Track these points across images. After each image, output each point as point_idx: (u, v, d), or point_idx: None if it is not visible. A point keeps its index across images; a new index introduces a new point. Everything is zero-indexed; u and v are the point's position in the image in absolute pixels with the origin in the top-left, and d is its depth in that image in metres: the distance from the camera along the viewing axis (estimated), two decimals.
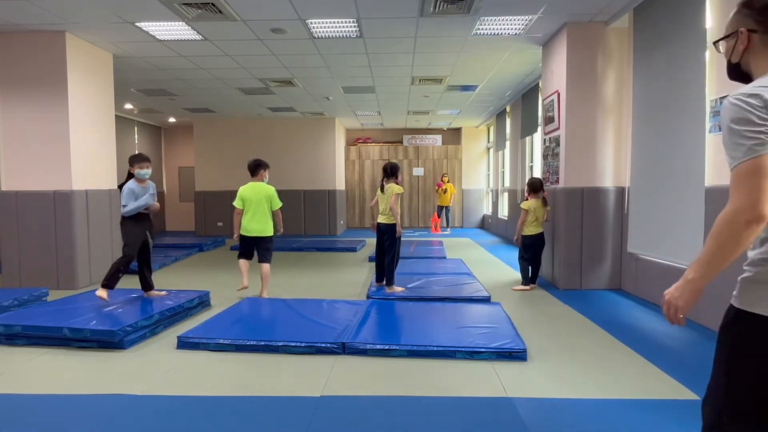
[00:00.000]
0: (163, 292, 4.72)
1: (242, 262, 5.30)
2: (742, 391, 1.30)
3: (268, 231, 5.13)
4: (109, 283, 4.30)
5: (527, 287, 5.58)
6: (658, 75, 4.63)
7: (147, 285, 4.69)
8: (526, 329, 3.96)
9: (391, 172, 5.30)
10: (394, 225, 5.18)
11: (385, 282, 5.25)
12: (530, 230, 5.53)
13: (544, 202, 5.60)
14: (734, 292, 1.32)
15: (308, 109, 11.05)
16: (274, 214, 5.20)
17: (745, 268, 1.30)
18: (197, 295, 4.66)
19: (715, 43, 1.52)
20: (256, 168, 5.16)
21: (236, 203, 5.09)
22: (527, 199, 5.61)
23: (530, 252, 5.58)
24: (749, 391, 1.29)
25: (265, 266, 5.17)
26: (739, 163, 1.22)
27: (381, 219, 5.28)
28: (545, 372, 3.10)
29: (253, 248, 5.22)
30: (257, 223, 5.06)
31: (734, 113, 1.25)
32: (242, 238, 5.15)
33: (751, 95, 1.24)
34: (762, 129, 1.21)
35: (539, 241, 5.56)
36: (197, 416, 2.54)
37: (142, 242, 4.59)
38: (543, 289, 5.68)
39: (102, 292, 4.23)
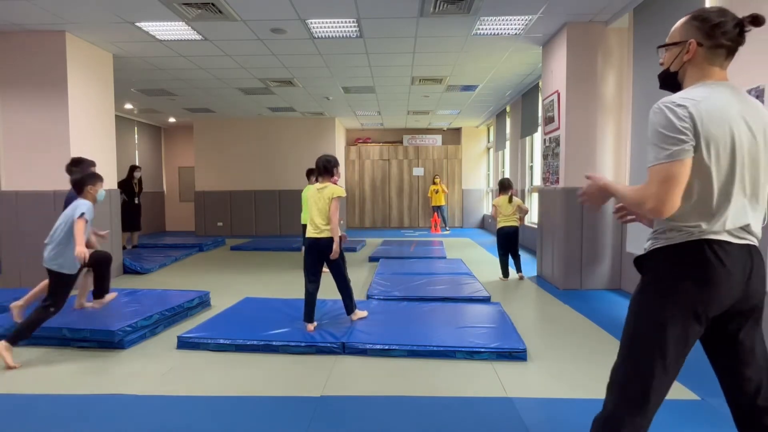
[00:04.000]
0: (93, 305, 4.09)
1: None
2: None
3: None
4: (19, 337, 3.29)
5: (505, 279, 6.15)
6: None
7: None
8: (526, 329, 3.96)
9: (324, 168, 3.95)
10: (331, 240, 3.86)
11: (347, 311, 4.07)
12: (502, 223, 6.11)
13: (510, 200, 6.08)
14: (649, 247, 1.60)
15: (308, 109, 11.06)
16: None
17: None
18: (197, 295, 4.66)
19: (659, 48, 1.64)
20: (309, 175, 7.06)
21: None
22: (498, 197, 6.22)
23: (501, 244, 6.13)
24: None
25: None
26: (659, 164, 1.43)
27: (316, 232, 3.87)
28: (545, 372, 3.10)
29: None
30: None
31: (663, 119, 1.44)
32: (303, 226, 6.26)
33: (679, 105, 1.43)
34: (683, 138, 1.41)
35: (508, 234, 6.08)
36: (197, 416, 2.54)
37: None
38: (543, 289, 5.68)
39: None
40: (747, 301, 1.54)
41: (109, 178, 6.47)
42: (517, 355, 3.29)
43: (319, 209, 3.86)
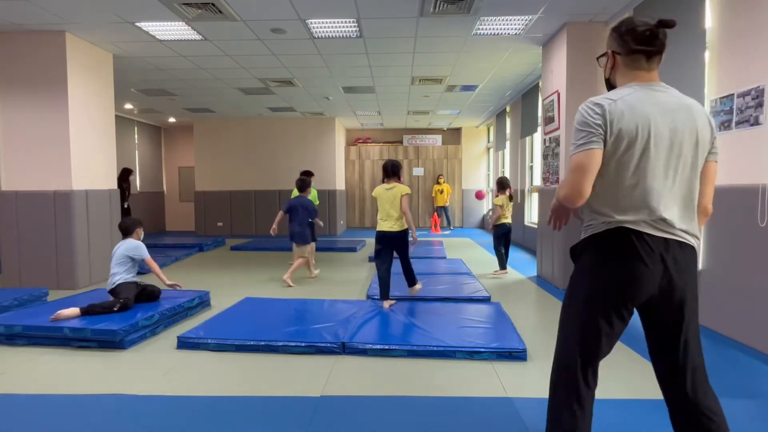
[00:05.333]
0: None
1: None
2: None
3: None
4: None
5: (504, 271, 6.47)
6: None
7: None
8: (526, 329, 3.96)
9: (392, 171, 4.67)
10: (406, 231, 4.60)
11: (408, 284, 4.79)
12: (501, 220, 6.28)
13: (510, 198, 6.30)
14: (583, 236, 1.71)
15: (308, 109, 11.06)
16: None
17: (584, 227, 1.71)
18: (197, 295, 4.65)
19: (598, 58, 1.79)
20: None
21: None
22: (497, 196, 6.37)
23: (504, 240, 6.37)
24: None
25: (312, 244, 6.91)
26: (572, 155, 1.57)
27: (389, 227, 4.55)
28: (545, 372, 3.09)
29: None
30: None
31: (579, 116, 1.58)
32: None
33: (595, 104, 1.56)
34: (592, 131, 1.53)
35: (509, 230, 6.36)
36: (197, 416, 2.54)
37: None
38: (543, 289, 5.69)
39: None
40: (671, 295, 1.58)
41: (110, 178, 6.47)
42: (517, 355, 3.29)
43: (391, 205, 4.53)
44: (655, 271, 1.55)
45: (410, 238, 4.66)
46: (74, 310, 3.83)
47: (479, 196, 9.36)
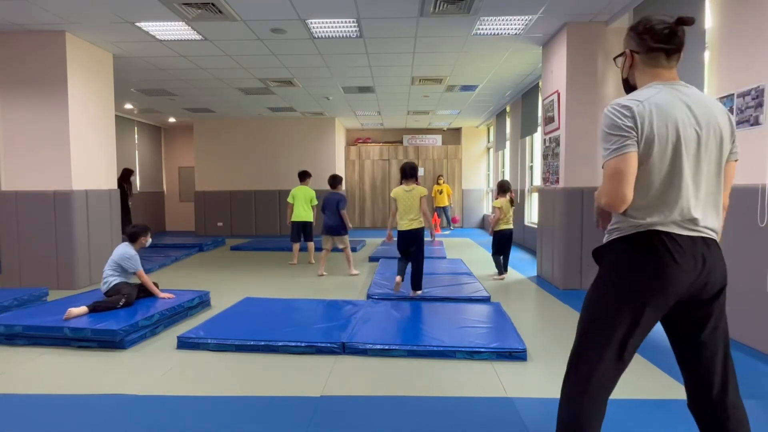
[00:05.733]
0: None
1: (295, 245, 7.53)
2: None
3: (309, 218, 7.37)
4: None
5: (502, 276, 6.28)
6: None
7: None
8: (526, 329, 3.96)
9: (410, 173, 4.94)
10: (423, 229, 4.92)
11: (414, 287, 5.00)
12: (502, 226, 6.12)
13: (512, 202, 6.19)
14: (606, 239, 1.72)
15: (308, 109, 11.06)
16: (313, 208, 7.54)
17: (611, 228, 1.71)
18: (197, 295, 4.65)
19: (615, 59, 1.77)
20: (303, 177, 7.63)
21: (289, 199, 7.41)
22: (497, 199, 6.22)
23: (502, 246, 6.21)
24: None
25: (310, 244, 7.54)
26: (606, 161, 1.55)
27: (408, 225, 4.88)
28: (545, 372, 3.10)
29: (300, 232, 7.39)
30: (302, 212, 7.31)
31: (607, 120, 1.56)
32: (293, 223, 7.35)
33: (623, 106, 1.54)
34: (625, 134, 1.51)
35: (509, 236, 6.18)
36: (197, 416, 2.54)
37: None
38: (543, 289, 5.69)
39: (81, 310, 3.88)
40: (702, 291, 1.57)
41: (110, 178, 6.47)
42: (517, 355, 3.29)
43: (410, 206, 4.86)
44: (685, 269, 1.53)
45: (428, 237, 5.02)
46: (83, 309, 3.88)
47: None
